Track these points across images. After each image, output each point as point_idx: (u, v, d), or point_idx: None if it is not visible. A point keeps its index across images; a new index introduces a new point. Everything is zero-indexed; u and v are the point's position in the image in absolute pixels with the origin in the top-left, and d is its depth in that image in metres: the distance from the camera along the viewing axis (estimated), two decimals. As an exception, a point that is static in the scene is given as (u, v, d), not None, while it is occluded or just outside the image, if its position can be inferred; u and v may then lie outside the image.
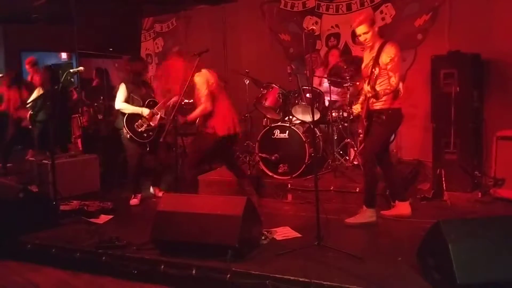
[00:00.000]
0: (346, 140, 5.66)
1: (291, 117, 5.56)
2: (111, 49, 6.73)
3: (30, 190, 4.68)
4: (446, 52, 5.28)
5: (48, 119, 5.05)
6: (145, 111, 5.19)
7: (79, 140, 7.50)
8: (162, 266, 3.47)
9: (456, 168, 5.03)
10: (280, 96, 5.49)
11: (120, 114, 5.24)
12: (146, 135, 5.22)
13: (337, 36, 6.78)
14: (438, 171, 4.98)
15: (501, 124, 5.16)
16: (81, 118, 7.55)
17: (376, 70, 3.86)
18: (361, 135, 4.16)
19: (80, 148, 7.20)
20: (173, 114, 4.44)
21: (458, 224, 2.98)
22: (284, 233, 4.01)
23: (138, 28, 7.42)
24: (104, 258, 3.70)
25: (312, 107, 4.01)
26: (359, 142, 5.30)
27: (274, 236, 3.92)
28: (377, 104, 4.07)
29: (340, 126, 5.69)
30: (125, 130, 5.15)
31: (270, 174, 5.44)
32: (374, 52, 4.05)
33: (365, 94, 4.07)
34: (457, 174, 5.01)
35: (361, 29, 4.01)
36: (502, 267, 2.72)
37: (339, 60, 5.78)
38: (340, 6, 6.70)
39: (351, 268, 3.19)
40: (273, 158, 5.36)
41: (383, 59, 3.95)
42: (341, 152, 5.70)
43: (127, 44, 7.10)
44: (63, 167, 5.41)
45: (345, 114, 5.66)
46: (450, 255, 2.70)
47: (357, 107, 4.29)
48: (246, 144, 6.02)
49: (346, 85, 5.54)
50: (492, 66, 5.49)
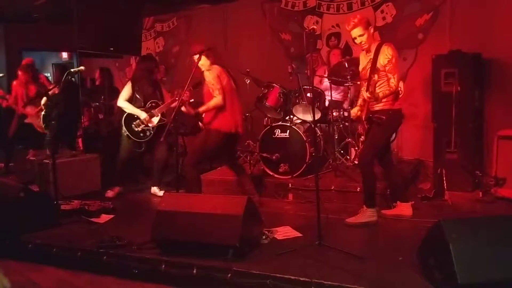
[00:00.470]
0: (347, 140, 5.66)
1: (292, 116, 5.56)
2: (112, 48, 6.72)
3: (31, 190, 4.68)
4: (447, 51, 5.28)
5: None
6: (142, 114, 5.28)
7: (80, 140, 7.50)
8: (163, 266, 3.47)
9: (457, 167, 5.03)
10: (281, 95, 5.49)
11: (121, 111, 5.36)
12: (142, 134, 5.33)
13: (337, 35, 6.78)
14: (439, 170, 4.98)
15: (502, 124, 5.16)
16: (82, 117, 7.55)
17: (375, 76, 3.87)
18: (362, 137, 4.15)
19: (81, 148, 7.20)
20: (173, 114, 4.44)
21: (459, 224, 2.98)
22: (284, 232, 4.01)
23: (139, 27, 7.40)
24: (105, 257, 3.71)
25: (313, 106, 4.01)
26: (361, 143, 5.30)
27: (275, 236, 3.92)
28: (377, 105, 4.06)
29: (341, 126, 5.69)
30: (123, 128, 5.28)
31: (271, 173, 5.44)
32: (371, 54, 4.05)
33: (363, 97, 4.08)
34: (458, 173, 5.01)
35: (355, 31, 3.99)
36: (503, 266, 2.71)
37: (343, 59, 5.77)
38: (341, 6, 6.70)
39: (351, 267, 3.19)
40: (274, 157, 5.36)
41: (381, 60, 3.95)
42: (342, 151, 5.70)
43: (128, 44, 7.08)
44: (64, 167, 5.41)
45: (345, 114, 5.66)
46: (451, 255, 2.70)
47: (354, 111, 4.28)
48: (247, 143, 6.02)
49: (347, 84, 5.54)
50: (493, 65, 5.48)
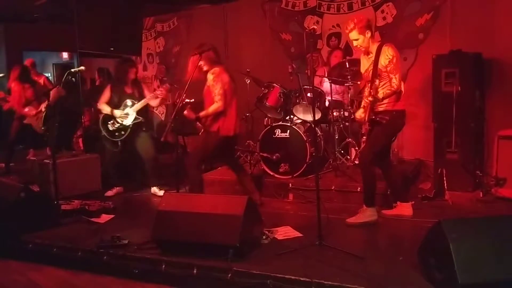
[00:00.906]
0: (347, 140, 5.65)
1: (292, 116, 5.56)
2: (112, 48, 6.72)
3: (31, 190, 4.68)
4: (447, 51, 5.27)
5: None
6: (116, 112, 5.38)
7: (80, 140, 7.50)
8: (163, 266, 3.47)
9: (458, 167, 5.02)
10: (281, 95, 5.49)
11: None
12: (117, 134, 5.43)
13: (338, 35, 6.78)
14: (440, 170, 4.98)
15: (502, 124, 5.16)
16: (82, 117, 7.55)
17: (376, 81, 3.91)
18: (364, 137, 4.15)
19: (82, 148, 7.20)
20: (174, 113, 4.44)
21: (459, 224, 2.97)
22: (285, 232, 4.01)
23: (139, 27, 7.41)
24: (105, 257, 3.71)
25: (313, 106, 4.01)
26: (362, 143, 5.30)
27: (275, 236, 3.92)
28: (380, 105, 4.07)
29: (341, 126, 5.69)
30: (101, 129, 5.47)
31: (271, 173, 5.44)
32: (372, 55, 4.05)
33: (366, 99, 4.08)
34: (458, 173, 5.01)
35: (351, 35, 4.05)
36: (504, 266, 2.71)
37: (344, 59, 5.77)
38: (342, 6, 6.70)
39: (352, 267, 3.19)
40: (274, 157, 5.36)
41: (382, 61, 3.97)
42: (342, 151, 5.70)
43: (129, 44, 7.09)
44: (64, 167, 5.41)
45: (346, 114, 5.66)
46: (451, 255, 2.70)
47: (359, 113, 4.25)
48: (247, 143, 6.02)
49: (347, 84, 5.53)
50: (493, 65, 5.48)
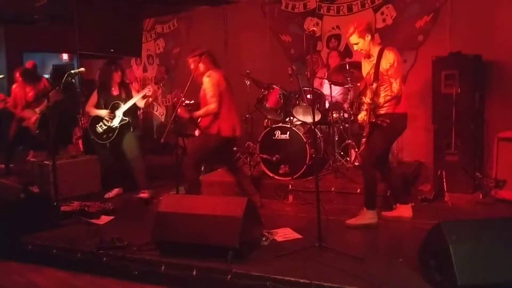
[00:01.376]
0: (347, 141, 5.65)
1: (292, 118, 5.56)
2: (112, 50, 6.72)
3: (31, 191, 4.69)
4: (447, 53, 5.27)
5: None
6: (102, 113, 5.39)
7: (80, 141, 7.49)
8: (163, 267, 3.47)
9: (457, 169, 5.02)
10: (281, 97, 5.49)
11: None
12: (105, 136, 5.42)
13: (338, 37, 6.78)
14: (439, 172, 4.98)
15: (502, 125, 5.16)
16: (82, 119, 7.55)
17: (373, 85, 3.95)
18: (364, 139, 4.15)
19: (81, 149, 7.20)
20: (174, 115, 4.44)
21: (459, 226, 2.97)
22: (284, 234, 4.01)
23: (139, 29, 7.42)
24: (104, 259, 3.71)
25: (313, 108, 4.01)
26: (362, 145, 5.30)
27: (275, 237, 3.92)
28: (381, 108, 4.08)
29: (341, 127, 5.69)
30: (89, 131, 5.47)
31: (271, 175, 5.44)
32: (373, 59, 4.06)
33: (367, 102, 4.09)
34: (458, 175, 5.00)
35: (351, 39, 4.06)
36: (503, 268, 2.71)
37: (343, 61, 5.77)
38: (341, 8, 6.70)
39: (352, 269, 3.18)
40: (274, 159, 5.36)
41: (383, 65, 3.99)
42: (342, 153, 5.70)
43: (129, 45, 7.09)
44: (64, 168, 5.42)
45: (346, 115, 5.66)
46: (451, 257, 2.70)
47: (361, 116, 4.25)
48: (247, 145, 6.02)
49: (347, 86, 5.54)
50: (493, 67, 5.48)
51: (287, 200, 5.22)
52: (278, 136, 5.40)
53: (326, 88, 5.84)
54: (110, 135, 5.40)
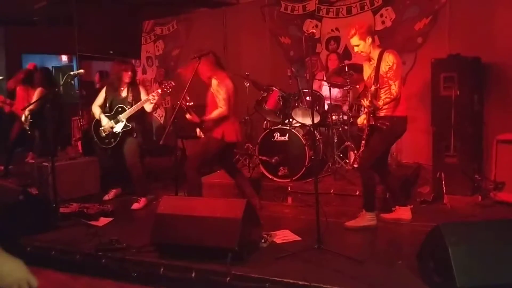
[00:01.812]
0: (346, 143, 5.66)
1: (291, 120, 5.56)
2: (112, 51, 6.73)
3: (30, 193, 4.67)
4: (446, 55, 5.29)
5: (48, 122, 5.09)
6: (103, 120, 5.23)
7: (79, 143, 7.49)
8: (162, 269, 3.47)
9: (456, 171, 5.03)
10: (280, 99, 5.50)
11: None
12: (107, 141, 5.26)
13: (337, 39, 6.79)
14: (438, 174, 4.98)
15: (501, 128, 5.17)
16: (81, 120, 7.54)
17: (372, 87, 3.97)
18: (363, 141, 4.16)
19: (80, 151, 7.19)
20: (173, 117, 4.43)
21: (458, 228, 2.98)
22: (284, 236, 4.01)
23: (138, 30, 7.43)
24: (103, 260, 3.70)
25: (312, 110, 4.01)
26: (361, 147, 5.30)
27: (274, 239, 3.91)
28: (381, 111, 4.09)
29: (340, 129, 5.70)
30: (93, 133, 5.35)
31: (270, 177, 5.44)
32: (374, 62, 4.07)
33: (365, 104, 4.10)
34: (457, 177, 5.01)
35: (352, 41, 4.08)
36: (502, 270, 2.71)
37: (342, 63, 5.78)
38: (340, 10, 6.72)
39: (351, 271, 3.18)
40: (273, 161, 5.36)
41: (383, 68, 4.01)
42: (341, 155, 5.70)
43: (128, 47, 7.10)
44: (63, 170, 5.40)
45: (345, 117, 5.67)
46: (450, 259, 2.70)
47: (361, 119, 4.27)
48: (246, 146, 6.02)
49: (347, 88, 5.54)
50: (492, 69, 5.49)
51: (286, 202, 5.22)
52: (277, 138, 5.41)
53: (325, 90, 5.85)
54: (112, 140, 5.23)
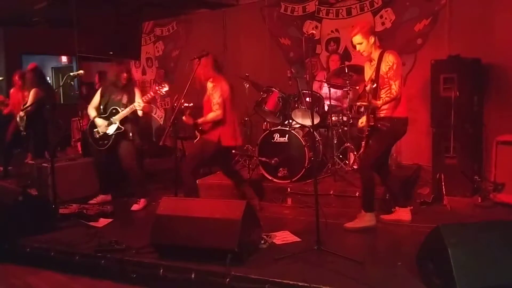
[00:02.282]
0: (346, 144, 5.66)
1: (290, 121, 5.56)
2: (112, 52, 6.73)
3: (29, 193, 4.68)
4: (446, 56, 5.29)
5: (47, 122, 5.10)
6: (98, 122, 5.23)
7: (78, 144, 7.49)
8: (161, 270, 3.46)
9: (456, 172, 5.02)
10: (280, 100, 5.50)
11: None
12: (101, 142, 5.26)
13: (337, 40, 6.80)
14: (438, 175, 4.98)
15: (501, 129, 5.17)
16: (81, 121, 7.55)
17: (368, 86, 3.98)
18: (363, 142, 4.16)
19: (80, 152, 7.19)
20: (172, 118, 4.43)
21: (458, 229, 2.97)
22: (283, 237, 4.00)
23: (138, 31, 7.43)
24: (103, 261, 3.70)
25: (312, 111, 4.01)
26: (362, 148, 5.31)
27: (274, 240, 3.91)
28: (381, 112, 4.08)
29: (340, 130, 5.70)
30: (88, 134, 5.35)
31: (270, 178, 5.43)
32: (374, 63, 4.07)
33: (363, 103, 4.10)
34: (457, 178, 5.01)
35: (355, 39, 4.07)
36: (502, 271, 2.71)
37: (343, 64, 5.78)
38: (340, 11, 6.72)
39: (350, 272, 3.18)
40: (272, 162, 5.35)
41: (383, 68, 4.00)
42: (341, 156, 5.70)
43: (128, 48, 7.10)
44: (63, 171, 5.40)
45: (344, 118, 5.67)
46: (450, 260, 2.70)
47: (362, 120, 4.25)
48: (245, 148, 6.02)
49: (346, 89, 5.54)
50: (492, 70, 5.50)
51: (286, 203, 5.21)
52: (277, 139, 5.40)
53: (325, 91, 5.84)
54: (106, 142, 5.22)
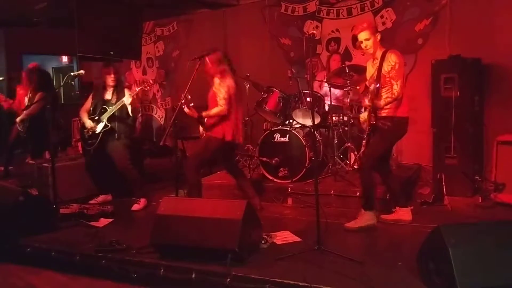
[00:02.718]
0: (347, 144, 5.65)
1: (291, 121, 5.57)
2: (112, 52, 6.74)
3: (30, 193, 4.68)
4: (446, 56, 5.29)
5: (48, 123, 5.10)
6: (86, 122, 5.30)
7: (79, 144, 7.48)
8: (162, 270, 3.46)
9: (457, 172, 5.02)
10: (281, 100, 5.50)
11: None
12: (90, 142, 5.31)
13: (337, 40, 6.80)
14: (439, 175, 4.98)
15: (501, 129, 5.17)
16: (81, 121, 7.52)
17: (371, 86, 3.98)
18: (364, 141, 4.16)
19: (80, 152, 7.19)
20: (173, 117, 4.43)
21: (458, 229, 2.97)
22: (284, 237, 4.00)
23: (139, 31, 7.43)
24: (103, 261, 3.70)
25: (313, 111, 4.01)
26: (362, 147, 5.31)
27: (274, 240, 3.91)
28: (383, 111, 4.08)
29: (341, 130, 5.70)
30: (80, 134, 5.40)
31: (271, 178, 5.44)
32: (377, 62, 4.07)
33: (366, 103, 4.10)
34: (457, 178, 5.01)
35: (362, 35, 4.04)
36: (503, 272, 2.71)
37: (344, 64, 5.78)
38: (341, 11, 6.72)
39: (351, 272, 3.18)
40: (273, 162, 5.36)
41: (385, 67, 3.99)
42: (341, 156, 5.70)
43: (128, 48, 7.11)
44: (63, 170, 5.40)
45: (345, 118, 5.67)
46: (450, 260, 2.70)
47: (364, 116, 4.26)
48: (246, 147, 6.02)
49: (347, 89, 5.55)
50: (492, 70, 5.50)
51: (287, 203, 5.21)
52: (277, 139, 5.40)
53: (326, 91, 5.84)
54: (94, 141, 5.24)
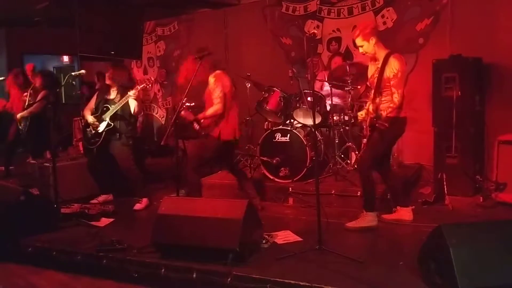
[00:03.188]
0: (348, 144, 5.65)
1: (292, 120, 5.56)
2: (113, 52, 6.74)
3: (31, 193, 4.68)
4: (447, 56, 5.28)
5: (48, 121, 5.11)
6: (89, 119, 5.28)
7: (80, 143, 7.49)
8: (163, 270, 3.47)
9: (458, 172, 5.02)
10: (282, 99, 5.49)
11: None
12: (93, 141, 5.29)
13: (338, 40, 6.79)
14: (440, 175, 4.97)
15: (502, 128, 5.16)
16: (82, 121, 7.53)
17: (377, 99, 4.00)
18: (364, 141, 4.16)
19: (82, 151, 7.19)
20: (174, 117, 4.44)
21: (459, 229, 2.97)
22: (285, 237, 4.01)
23: (140, 31, 7.44)
24: (104, 261, 3.71)
25: (313, 110, 4.00)
26: (362, 147, 5.31)
27: (275, 240, 3.91)
28: (381, 112, 4.07)
29: (342, 130, 5.69)
30: (82, 134, 5.41)
31: (271, 177, 5.43)
32: (379, 63, 4.05)
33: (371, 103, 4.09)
34: (458, 178, 5.01)
35: (357, 41, 4.07)
36: (504, 271, 2.71)
37: (344, 62, 5.77)
38: (342, 10, 6.71)
39: (352, 272, 3.18)
40: (274, 161, 5.36)
41: (387, 73, 3.97)
42: (342, 155, 5.70)
43: (129, 48, 7.11)
44: (64, 170, 5.41)
45: (346, 118, 5.66)
46: (451, 260, 2.70)
47: (361, 113, 4.27)
48: (247, 147, 6.02)
49: (348, 88, 5.54)
50: (493, 70, 5.49)
51: (288, 203, 5.21)
52: (278, 139, 5.40)
53: (327, 91, 5.84)
54: (97, 139, 5.22)
